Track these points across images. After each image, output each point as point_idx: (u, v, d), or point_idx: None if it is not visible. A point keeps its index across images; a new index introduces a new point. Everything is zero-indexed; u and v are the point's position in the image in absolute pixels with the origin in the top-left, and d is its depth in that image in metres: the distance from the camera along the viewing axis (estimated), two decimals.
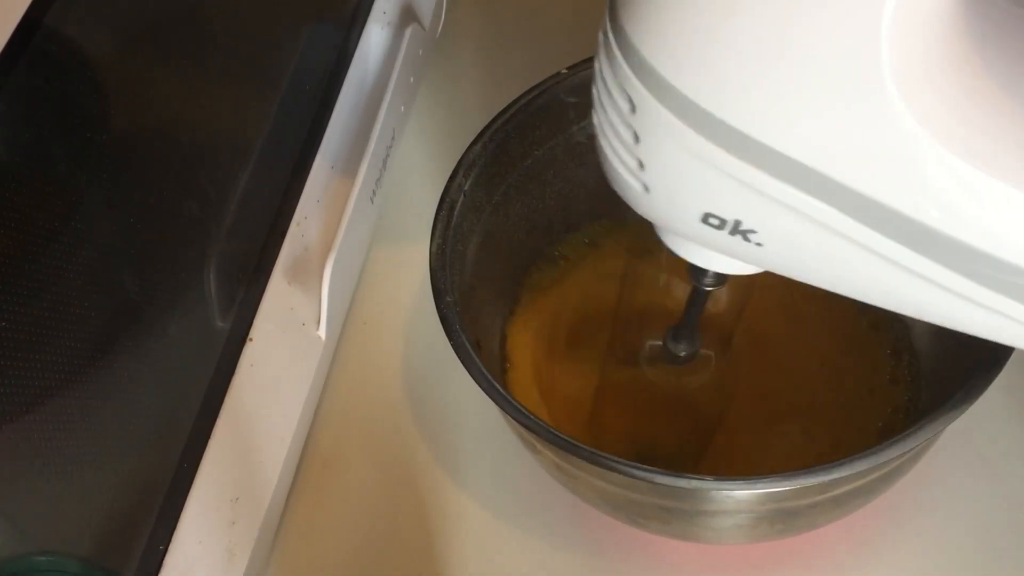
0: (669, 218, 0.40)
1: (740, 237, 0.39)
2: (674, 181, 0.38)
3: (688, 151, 0.37)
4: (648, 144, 0.38)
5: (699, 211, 0.39)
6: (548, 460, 0.53)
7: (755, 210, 0.37)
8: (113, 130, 0.47)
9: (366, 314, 0.68)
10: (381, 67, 0.69)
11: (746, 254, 0.40)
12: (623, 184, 0.41)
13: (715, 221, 0.39)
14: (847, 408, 0.58)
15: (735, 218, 0.38)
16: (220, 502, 0.54)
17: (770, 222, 0.38)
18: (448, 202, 0.56)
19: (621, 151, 0.39)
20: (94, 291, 0.47)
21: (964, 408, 0.47)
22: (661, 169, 0.38)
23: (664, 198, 0.39)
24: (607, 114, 0.39)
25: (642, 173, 0.39)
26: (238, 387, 0.56)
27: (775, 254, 0.39)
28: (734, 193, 0.37)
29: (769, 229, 0.38)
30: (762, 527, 0.52)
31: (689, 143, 0.36)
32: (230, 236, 0.56)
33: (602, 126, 0.40)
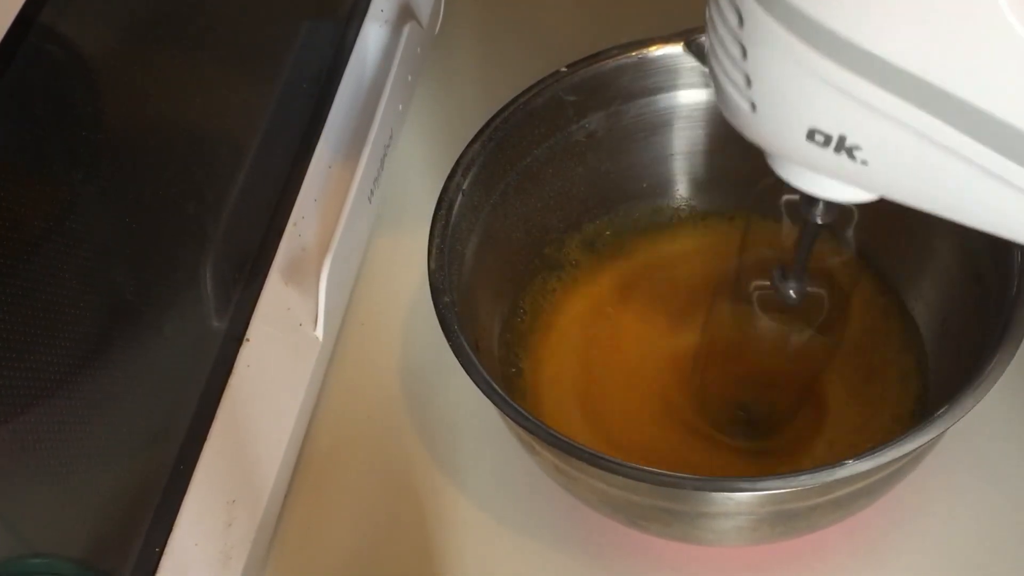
0: (776, 137, 0.40)
1: (845, 155, 0.39)
2: (780, 95, 0.39)
3: (794, 62, 0.37)
4: (755, 57, 0.38)
5: (804, 127, 0.39)
6: (547, 462, 0.53)
7: (860, 124, 0.37)
8: (108, 129, 0.47)
9: (364, 314, 0.68)
10: (379, 65, 0.69)
11: (852, 174, 0.39)
12: (732, 106, 0.41)
13: (820, 138, 0.39)
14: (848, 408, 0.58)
15: (840, 133, 0.38)
16: (216, 504, 0.54)
17: (875, 136, 0.38)
18: (446, 201, 0.56)
19: (730, 68, 0.40)
20: (89, 291, 0.47)
21: (966, 409, 0.47)
22: (767, 83, 0.39)
23: (770, 115, 0.40)
24: (717, 31, 0.39)
25: (749, 90, 0.39)
26: (234, 388, 0.56)
27: (880, 173, 0.39)
28: (839, 106, 0.37)
29: (874, 144, 0.38)
30: (763, 529, 0.52)
31: (795, 53, 0.37)
32: (226, 235, 0.56)
33: (713, 46, 0.40)
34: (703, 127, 0.63)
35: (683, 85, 0.62)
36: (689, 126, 0.63)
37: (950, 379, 0.52)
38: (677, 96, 0.62)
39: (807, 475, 0.46)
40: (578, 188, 0.63)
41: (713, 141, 0.64)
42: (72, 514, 0.47)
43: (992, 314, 0.52)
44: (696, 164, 0.65)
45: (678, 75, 0.61)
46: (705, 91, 0.62)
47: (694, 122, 0.63)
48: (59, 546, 0.46)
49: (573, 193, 0.63)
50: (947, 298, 0.58)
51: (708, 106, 0.62)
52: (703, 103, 0.62)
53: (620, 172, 0.64)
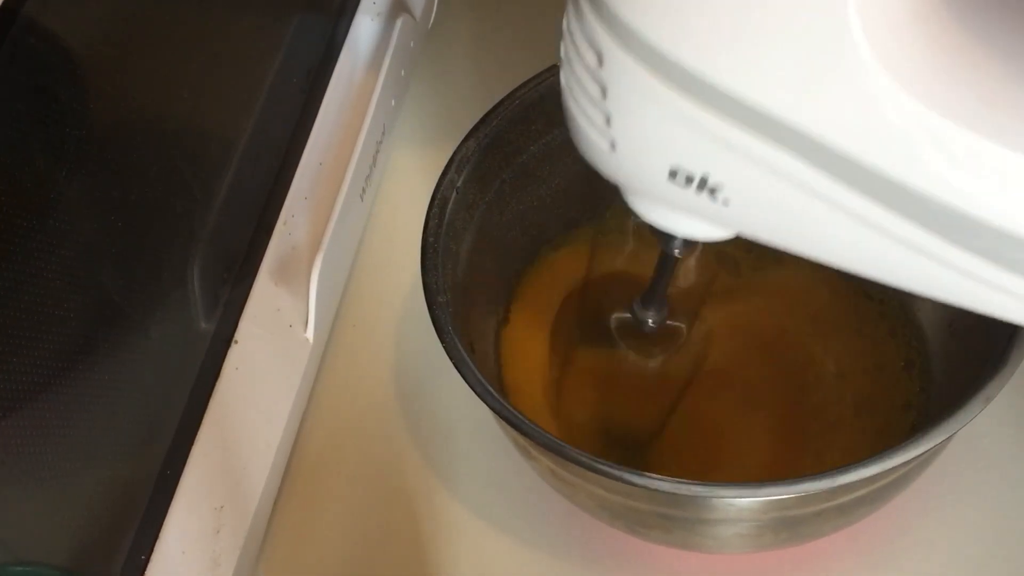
0: (636, 176, 0.41)
1: (707, 195, 0.39)
2: (641, 134, 0.39)
3: (655, 101, 0.37)
4: (615, 96, 0.39)
5: (666, 166, 0.39)
6: (544, 466, 0.53)
7: (722, 163, 0.38)
8: (93, 124, 0.47)
9: (355, 316, 0.68)
10: (371, 59, 0.69)
11: (713, 214, 0.40)
12: (590, 143, 0.41)
13: (682, 177, 0.39)
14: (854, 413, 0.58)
15: (702, 173, 0.39)
16: (204, 510, 0.54)
17: (737, 176, 0.38)
18: (440, 199, 0.56)
19: (588, 107, 0.40)
20: (73, 292, 0.47)
21: (973, 414, 0.47)
22: (628, 122, 0.39)
23: (631, 154, 0.40)
24: (574, 70, 0.40)
25: (609, 129, 0.40)
26: (223, 391, 0.56)
27: (742, 212, 0.39)
28: (700, 145, 0.38)
29: (736, 184, 0.39)
30: (766, 536, 0.52)
31: (656, 93, 0.37)
32: (215, 234, 0.56)
33: (569, 84, 0.41)
34: None
35: None
36: None
37: (956, 382, 0.52)
38: None
39: (811, 481, 0.46)
40: (576, 186, 0.63)
41: None
42: (57, 520, 0.47)
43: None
44: None
45: None
46: None
47: None
48: (43, 553, 0.46)
49: (571, 191, 0.63)
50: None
51: None
52: None
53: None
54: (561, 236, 0.64)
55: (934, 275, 0.38)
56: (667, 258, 0.51)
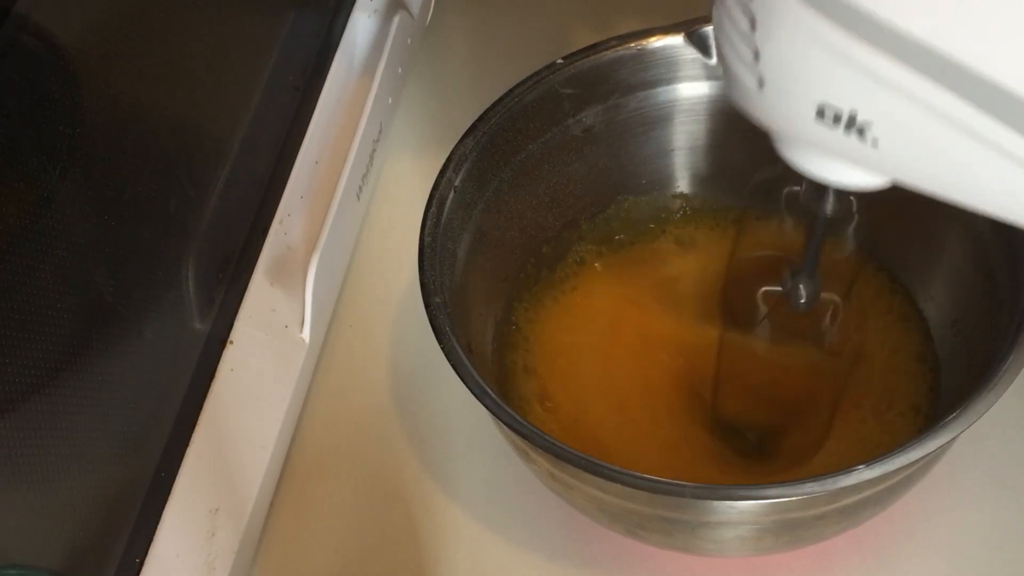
0: (784, 116, 0.40)
1: (856, 135, 0.38)
2: (788, 69, 0.38)
3: (804, 32, 0.37)
4: (765, 28, 0.38)
5: (814, 103, 0.39)
6: (543, 469, 0.53)
7: (871, 99, 0.37)
8: (87, 122, 0.48)
9: (352, 316, 0.68)
10: (367, 57, 0.69)
11: (863, 156, 0.39)
12: (739, 84, 0.41)
13: (830, 115, 0.38)
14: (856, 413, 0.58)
15: (850, 109, 0.38)
16: (199, 513, 0.54)
17: (886, 113, 0.37)
18: (438, 198, 0.56)
19: (738, 42, 0.40)
20: (66, 292, 0.47)
21: (978, 414, 0.47)
22: (775, 55, 0.38)
23: (778, 91, 0.39)
24: (725, 3, 0.39)
25: (757, 65, 0.39)
26: (217, 392, 0.56)
27: (892, 153, 0.39)
28: (849, 79, 0.37)
29: (885, 121, 0.38)
30: (767, 539, 0.52)
31: (806, 22, 0.37)
32: (209, 234, 0.56)
33: (720, 20, 0.40)
34: (704, 121, 0.63)
35: (684, 78, 0.62)
36: (690, 120, 0.63)
37: (961, 382, 0.53)
38: (678, 89, 0.62)
39: (813, 483, 0.46)
40: (575, 184, 0.63)
41: (715, 136, 0.64)
42: (49, 523, 0.47)
43: (1004, 315, 0.53)
44: (697, 159, 0.65)
45: (679, 67, 0.61)
46: (707, 84, 0.62)
47: (695, 116, 0.63)
48: (36, 556, 0.46)
49: (570, 190, 0.63)
50: (958, 298, 0.58)
51: (710, 99, 0.62)
52: (704, 96, 0.62)
53: (618, 168, 0.64)
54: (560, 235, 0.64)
55: None
56: (819, 221, 0.50)
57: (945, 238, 0.59)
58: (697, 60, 0.61)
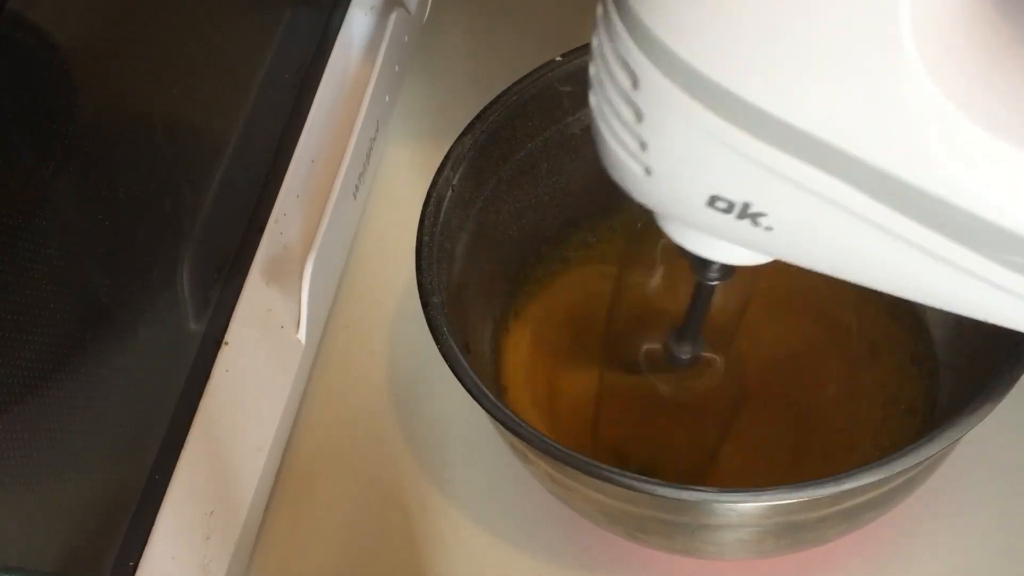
0: (672, 203, 0.40)
1: (749, 221, 0.38)
2: (679, 161, 0.38)
3: (695, 127, 0.36)
4: (651, 122, 0.37)
5: (705, 194, 0.38)
6: (542, 471, 0.53)
7: (765, 190, 0.37)
8: (81, 121, 0.48)
9: (348, 317, 0.68)
10: (364, 54, 0.69)
11: (755, 241, 0.39)
12: (622, 168, 0.40)
13: (722, 204, 0.38)
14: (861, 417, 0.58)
15: (744, 200, 0.38)
16: (194, 515, 0.54)
17: (781, 203, 0.37)
18: (435, 197, 0.56)
19: (621, 132, 0.39)
20: (60, 292, 0.47)
21: (981, 417, 0.47)
22: (665, 148, 0.38)
23: (667, 181, 0.39)
24: (606, 92, 0.39)
25: (644, 154, 0.39)
26: (213, 393, 0.56)
27: (786, 239, 0.39)
28: (743, 172, 0.37)
29: (780, 211, 0.38)
30: (768, 542, 0.52)
31: (696, 118, 0.36)
32: (205, 233, 0.57)
33: (600, 107, 0.40)
34: None
35: None
36: None
37: (964, 383, 0.53)
38: None
39: (815, 485, 0.46)
40: (574, 184, 0.63)
41: None
42: (43, 526, 0.47)
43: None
44: None
45: None
46: None
47: None
48: (29, 559, 0.46)
49: (569, 189, 0.63)
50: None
51: None
52: None
53: None
54: (559, 234, 0.64)
55: (989, 300, 0.38)
56: (703, 288, 0.50)
57: None
58: None
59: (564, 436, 0.59)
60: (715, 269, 0.47)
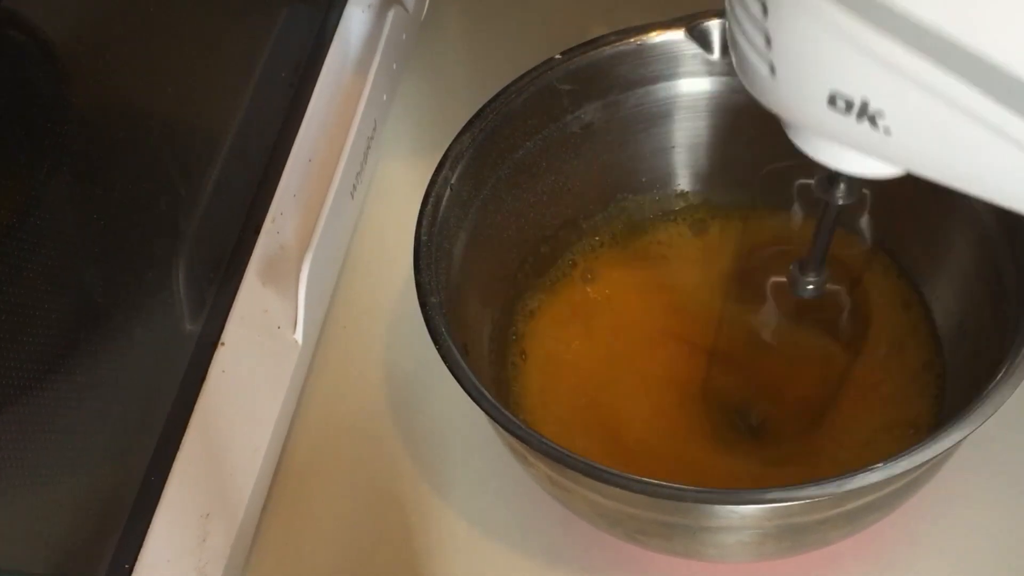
0: (795, 103, 0.41)
1: (868, 122, 0.39)
2: (801, 56, 0.39)
3: (816, 18, 0.37)
4: (777, 14, 0.38)
5: (826, 91, 0.39)
6: (541, 473, 0.53)
7: (883, 86, 0.38)
8: (75, 119, 0.48)
9: (346, 317, 0.68)
10: (362, 52, 0.69)
11: (875, 144, 0.39)
12: (751, 70, 0.41)
13: (842, 103, 0.39)
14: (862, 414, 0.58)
15: (862, 97, 0.38)
16: (190, 518, 0.54)
17: (899, 101, 0.38)
18: (433, 196, 0.56)
19: (749, 28, 0.40)
20: (55, 292, 0.47)
21: (984, 418, 0.47)
22: (787, 41, 0.39)
23: (790, 78, 0.40)
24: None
25: (769, 51, 0.39)
26: (209, 395, 0.56)
27: (904, 142, 0.39)
28: (862, 66, 0.37)
29: (898, 109, 0.38)
30: (769, 544, 0.52)
31: (817, 9, 0.37)
32: (200, 233, 0.57)
33: (732, 6, 0.41)
34: (705, 118, 0.63)
35: (684, 73, 0.62)
36: (691, 117, 0.63)
37: (968, 384, 0.53)
38: (678, 85, 0.62)
39: (816, 486, 0.46)
40: (573, 182, 0.63)
41: (716, 132, 0.64)
42: (37, 528, 0.47)
43: (1011, 315, 0.53)
44: (698, 157, 0.65)
45: (679, 63, 0.61)
46: (708, 80, 0.62)
47: (696, 112, 0.63)
48: (23, 562, 0.46)
49: (568, 188, 0.63)
50: (964, 298, 0.59)
51: (711, 96, 0.62)
52: (705, 92, 0.62)
53: (618, 165, 0.64)
54: (558, 233, 0.64)
55: None
56: (830, 210, 0.50)
57: (952, 238, 0.59)
58: (698, 56, 0.61)
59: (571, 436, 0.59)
60: (842, 188, 0.48)
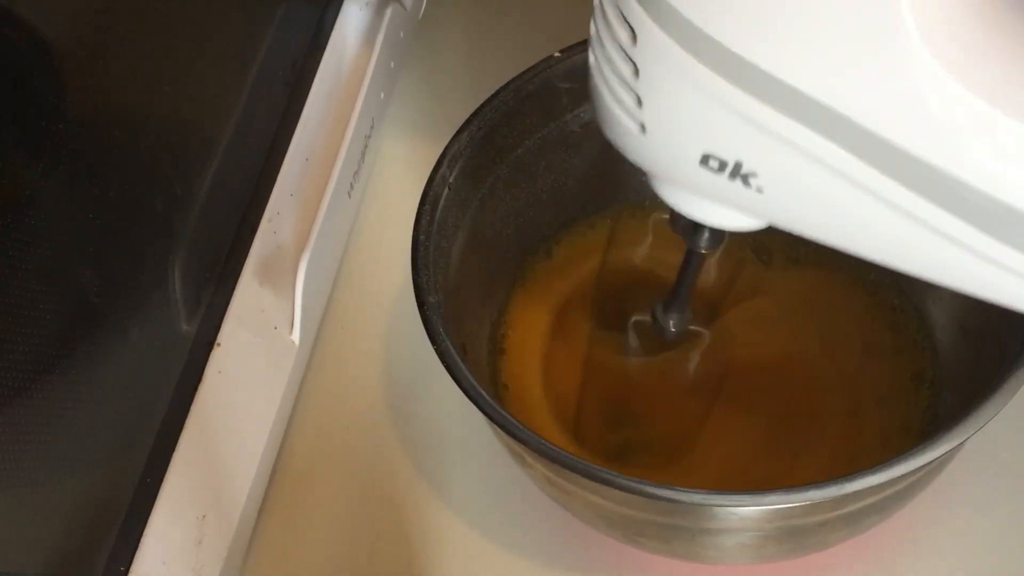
0: (666, 161, 0.41)
1: (740, 182, 0.39)
2: (673, 118, 0.39)
3: (690, 83, 0.37)
4: (648, 77, 0.38)
5: (698, 152, 0.39)
6: (539, 474, 0.53)
7: (757, 149, 0.38)
8: (71, 118, 0.48)
9: (343, 317, 0.68)
10: (359, 51, 0.69)
11: (746, 202, 0.40)
12: (618, 126, 0.41)
13: (715, 163, 0.39)
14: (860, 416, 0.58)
15: (736, 159, 0.38)
16: (186, 520, 0.54)
17: (773, 163, 0.38)
18: (431, 196, 0.56)
19: (618, 88, 0.40)
20: (50, 292, 0.47)
21: (985, 420, 0.47)
22: (660, 104, 0.39)
23: (662, 138, 0.40)
24: (604, 48, 0.40)
25: (639, 111, 0.39)
26: (205, 395, 0.56)
27: (776, 201, 0.39)
28: (736, 130, 0.38)
29: (771, 171, 0.38)
30: (769, 546, 0.52)
31: (692, 74, 0.37)
32: (197, 233, 0.57)
33: (599, 62, 0.41)
34: None
35: None
36: None
37: (969, 385, 0.53)
38: None
39: (816, 489, 0.46)
40: (573, 182, 0.63)
41: None
42: (32, 530, 0.47)
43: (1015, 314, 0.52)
44: None
45: None
46: None
47: None
48: (18, 564, 0.46)
49: (568, 187, 0.63)
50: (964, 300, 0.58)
51: None
52: None
53: (619, 165, 0.64)
54: (558, 234, 0.64)
55: (971, 269, 0.38)
56: (693, 255, 0.51)
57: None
58: None
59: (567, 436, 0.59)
60: (706, 236, 0.48)
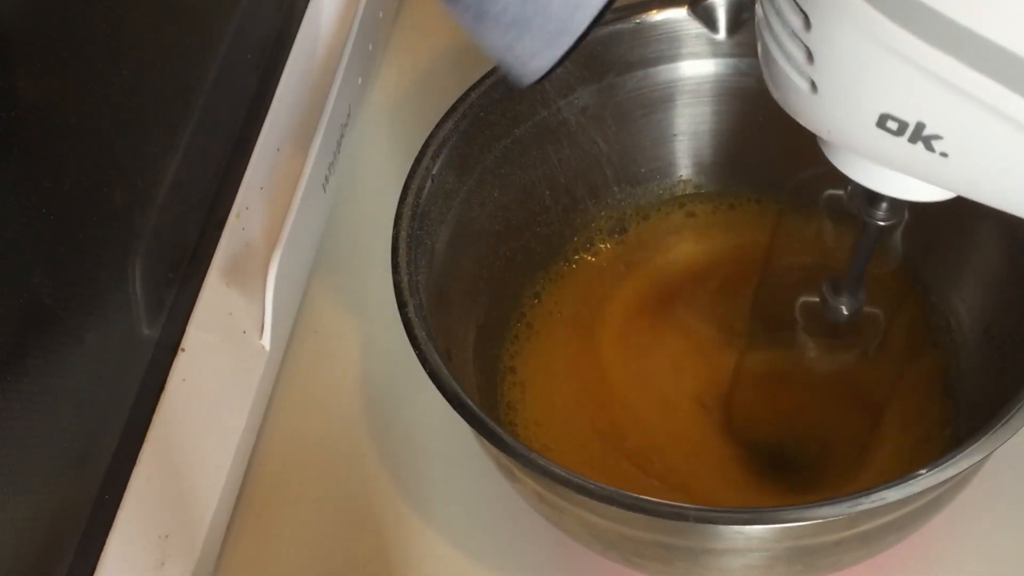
0: (840, 124, 0.40)
1: (922, 145, 0.38)
2: (847, 75, 0.38)
3: (866, 34, 0.36)
4: (820, 30, 0.38)
5: (875, 112, 0.38)
6: (529, 489, 0.53)
7: (941, 109, 0.37)
8: (21, 106, 0.48)
9: (317, 320, 0.68)
10: (334, 32, 0.69)
11: (928, 168, 0.39)
12: (786, 84, 0.40)
13: (893, 124, 0.38)
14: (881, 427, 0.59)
15: (918, 119, 0.38)
16: (147, 539, 0.54)
17: (960, 124, 0.37)
18: (413, 188, 0.56)
19: (786, 41, 0.39)
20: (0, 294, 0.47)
21: (1012, 431, 0.47)
22: (833, 60, 0.38)
23: (835, 97, 0.39)
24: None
25: (810, 67, 0.39)
26: (168, 405, 0.56)
27: (962, 167, 0.38)
28: (919, 87, 0.37)
29: (958, 133, 0.37)
30: (778, 568, 0.52)
31: (868, 24, 0.36)
32: (159, 229, 0.57)
33: (766, 14, 0.40)
34: (709, 103, 0.63)
35: (687, 55, 0.62)
36: (693, 102, 0.63)
37: (993, 396, 0.53)
38: (680, 68, 0.62)
39: (829, 506, 0.46)
40: (566, 173, 0.64)
41: (722, 119, 0.64)
42: None
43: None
44: (701, 145, 0.65)
45: (681, 43, 0.61)
46: (712, 62, 0.62)
47: (699, 97, 0.63)
48: None
49: (560, 179, 0.64)
50: (992, 301, 0.59)
51: (716, 79, 0.62)
52: (710, 76, 0.62)
53: (615, 154, 0.64)
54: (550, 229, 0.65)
55: None
56: (869, 231, 0.50)
57: (981, 235, 0.59)
58: (702, 35, 0.61)
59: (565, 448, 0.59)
60: (885, 208, 0.47)
